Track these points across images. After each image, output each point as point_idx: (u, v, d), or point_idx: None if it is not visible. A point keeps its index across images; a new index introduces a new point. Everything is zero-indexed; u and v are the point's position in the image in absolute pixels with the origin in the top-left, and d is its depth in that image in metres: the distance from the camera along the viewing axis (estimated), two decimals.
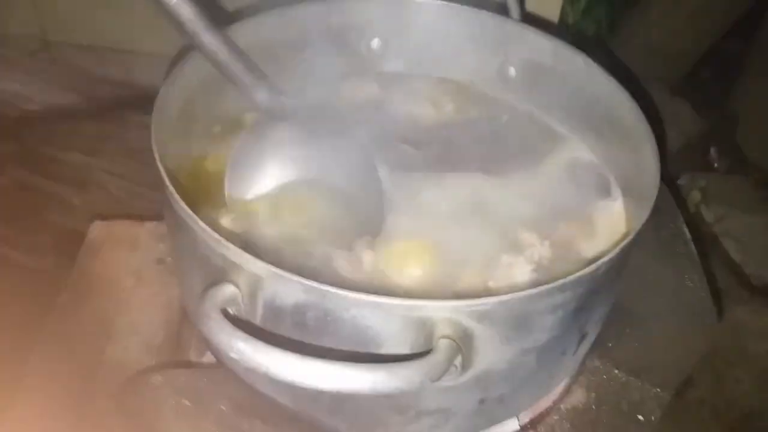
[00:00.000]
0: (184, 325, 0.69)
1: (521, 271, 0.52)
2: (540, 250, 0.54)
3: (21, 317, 0.90)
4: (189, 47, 0.60)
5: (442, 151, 0.63)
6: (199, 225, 0.41)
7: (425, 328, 0.39)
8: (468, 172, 0.61)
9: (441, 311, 0.39)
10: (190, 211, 0.41)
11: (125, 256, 0.77)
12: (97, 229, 0.82)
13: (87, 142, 1.24)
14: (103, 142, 1.24)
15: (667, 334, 0.59)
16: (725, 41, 1.41)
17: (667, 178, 1.22)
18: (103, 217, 0.84)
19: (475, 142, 0.65)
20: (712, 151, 1.37)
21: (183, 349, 0.68)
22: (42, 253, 1.12)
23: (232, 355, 0.35)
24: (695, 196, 1.25)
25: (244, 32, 0.61)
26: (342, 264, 0.52)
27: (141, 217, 0.82)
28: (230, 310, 0.41)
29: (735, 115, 1.41)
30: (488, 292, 0.38)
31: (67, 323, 0.70)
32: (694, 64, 1.45)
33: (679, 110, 1.33)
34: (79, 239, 0.80)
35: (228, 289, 0.40)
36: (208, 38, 0.46)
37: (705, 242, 1.20)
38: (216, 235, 0.40)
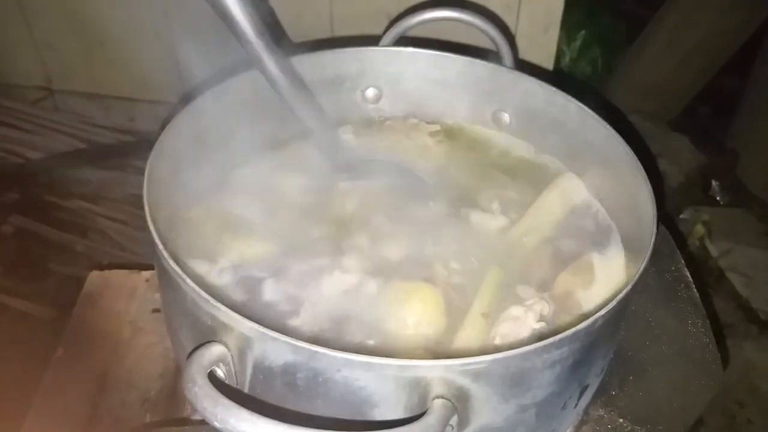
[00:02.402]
0: (180, 377, 0.68)
1: (523, 323, 0.51)
2: (540, 300, 0.53)
3: (21, 368, 0.89)
4: (185, 98, 0.62)
5: (438, 198, 0.63)
6: (189, 284, 0.40)
7: (419, 388, 0.38)
8: (466, 220, 0.61)
9: (434, 371, 0.38)
10: (179, 270, 0.41)
11: (122, 306, 0.77)
12: (94, 280, 0.81)
13: (89, 189, 1.25)
14: (105, 188, 1.25)
15: (672, 383, 0.57)
16: (721, 77, 1.42)
17: (669, 214, 1.22)
18: (101, 267, 0.84)
19: (471, 190, 0.65)
20: (714, 184, 1.37)
21: (178, 402, 0.67)
22: (43, 301, 1.12)
23: (216, 424, 0.34)
24: (699, 230, 1.24)
25: (242, 86, 0.62)
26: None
27: (139, 266, 0.82)
28: (220, 371, 0.41)
29: (735, 149, 1.41)
30: (483, 350, 0.37)
31: (64, 378, 0.70)
32: (691, 100, 1.46)
33: (679, 146, 1.34)
34: (81, 287, 0.80)
35: (217, 349, 0.39)
36: (272, 65, 0.51)
37: (711, 277, 1.19)
38: (205, 295, 0.40)
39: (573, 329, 0.40)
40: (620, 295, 0.43)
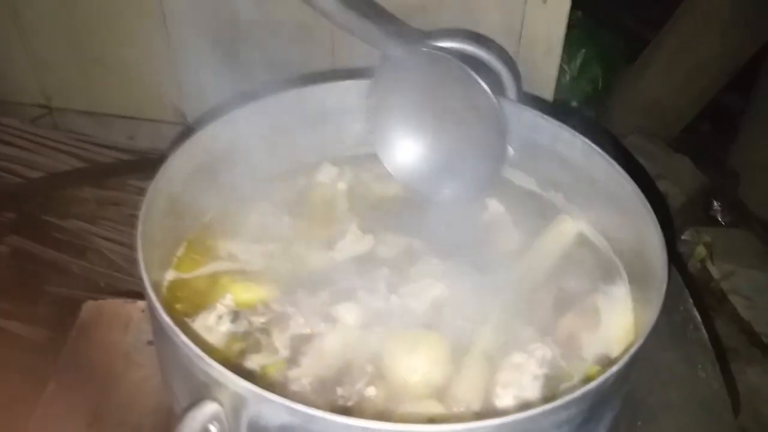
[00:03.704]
0: (173, 414, 0.66)
1: (525, 370, 0.50)
2: (543, 346, 0.52)
3: (14, 391, 0.87)
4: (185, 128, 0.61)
5: (438, 236, 0.62)
6: (182, 340, 0.39)
7: None
8: (467, 258, 0.59)
9: None
10: (172, 324, 0.40)
11: (116, 337, 0.75)
12: (89, 310, 0.80)
13: (87, 208, 1.23)
14: (102, 208, 1.24)
15: (681, 429, 0.56)
16: (723, 95, 1.41)
17: (671, 236, 1.21)
18: (97, 290, 0.83)
19: (471, 227, 0.63)
20: (715, 205, 1.36)
21: None
22: (40, 323, 1.10)
23: None
24: (700, 251, 1.23)
25: (233, 122, 0.60)
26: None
27: (136, 293, 0.81)
28: (213, 428, 0.39)
29: (736, 169, 1.40)
30: (487, 414, 0.36)
31: (55, 412, 0.68)
32: (692, 119, 1.45)
33: (680, 166, 1.33)
34: (77, 309, 0.78)
35: (210, 408, 0.38)
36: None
37: (713, 300, 1.18)
38: (199, 352, 0.38)
39: (582, 389, 0.38)
40: (632, 350, 0.41)
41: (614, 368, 0.40)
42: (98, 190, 1.26)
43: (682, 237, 1.26)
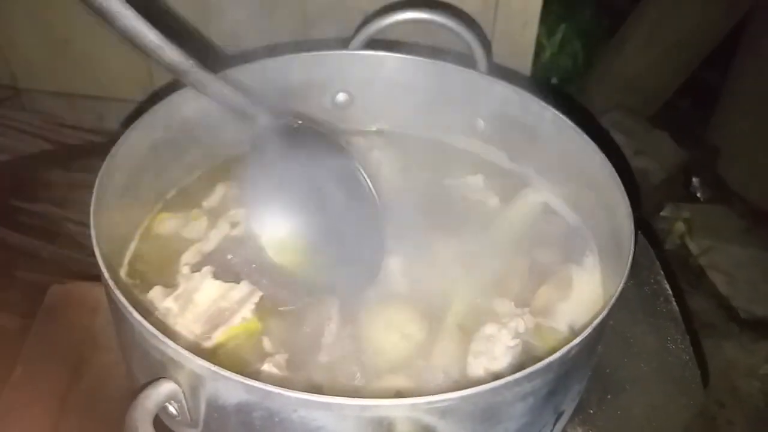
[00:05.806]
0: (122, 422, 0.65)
1: (497, 340, 0.49)
2: (515, 317, 0.51)
3: None
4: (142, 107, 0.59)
5: (412, 212, 0.60)
6: (135, 317, 0.38)
7: (382, 427, 0.36)
8: (441, 233, 0.58)
9: (398, 410, 0.36)
10: (125, 300, 0.38)
11: (85, 321, 0.74)
12: (55, 294, 0.78)
13: (57, 191, 1.20)
14: (73, 191, 1.21)
15: (651, 402, 0.56)
16: (701, 71, 1.41)
17: (649, 213, 1.21)
18: (69, 275, 0.81)
19: (446, 202, 0.62)
20: (695, 181, 1.36)
21: None
22: (10, 309, 1.08)
23: None
24: (680, 227, 1.23)
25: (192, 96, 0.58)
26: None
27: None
28: (172, 407, 0.38)
29: (715, 145, 1.41)
30: (449, 387, 0.35)
31: (21, 399, 0.66)
32: (671, 95, 1.45)
33: (660, 142, 1.33)
34: None
35: (166, 388, 0.37)
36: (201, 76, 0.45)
37: (691, 275, 1.18)
38: (153, 330, 0.37)
39: (545, 361, 0.38)
40: (596, 321, 0.41)
41: (577, 339, 0.39)
42: (68, 172, 1.23)
43: (662, 213, 1.26)
